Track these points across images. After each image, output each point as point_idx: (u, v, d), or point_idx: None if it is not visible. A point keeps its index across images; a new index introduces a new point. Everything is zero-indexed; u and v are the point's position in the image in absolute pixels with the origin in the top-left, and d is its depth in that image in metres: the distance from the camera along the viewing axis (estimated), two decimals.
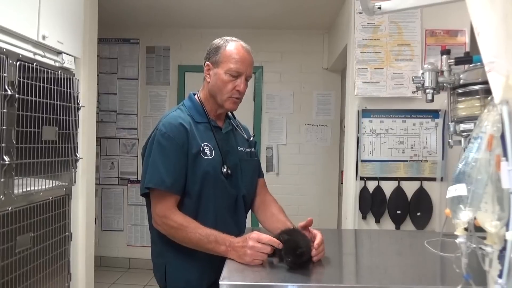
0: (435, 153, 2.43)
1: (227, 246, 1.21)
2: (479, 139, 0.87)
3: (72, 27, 2.14)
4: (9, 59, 1.61)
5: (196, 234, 1.24)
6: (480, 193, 0.86)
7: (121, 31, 3.96)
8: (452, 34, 2.44)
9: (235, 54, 1.36)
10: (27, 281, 1.73)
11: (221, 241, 1.22)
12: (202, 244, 1.24)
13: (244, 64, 1.36)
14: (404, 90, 2.42)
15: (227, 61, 1.36)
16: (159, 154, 1.30)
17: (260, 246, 1.16)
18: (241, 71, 1.36)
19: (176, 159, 1.30)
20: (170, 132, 1.31)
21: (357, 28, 2.46)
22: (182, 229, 1.26)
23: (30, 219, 1.76)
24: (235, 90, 1.36)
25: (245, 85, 1.38)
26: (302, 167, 3.93)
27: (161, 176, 1.28)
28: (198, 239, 1.24)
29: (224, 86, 1.36)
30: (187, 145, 1.31)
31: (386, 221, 2.46)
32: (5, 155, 1.58)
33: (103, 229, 4.01)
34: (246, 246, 1.17)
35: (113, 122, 4.02)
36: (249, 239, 1.17)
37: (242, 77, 1.36)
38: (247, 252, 1.16)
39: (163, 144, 1.30)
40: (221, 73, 1.36)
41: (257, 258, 1.16)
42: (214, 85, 1.39)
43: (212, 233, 1.24)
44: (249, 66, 1.39)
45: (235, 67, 1.35)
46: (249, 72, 1.39)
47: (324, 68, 3.91)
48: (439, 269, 1.29)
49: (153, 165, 1.30)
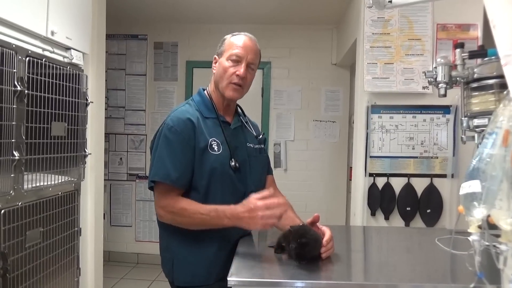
0: (445, 150, 2.40)
1: (229, 218, 1.21)
2: (494, 134, 0.85)
3: (81, 23, 2.15)
4: (19, 55, 1.62)
5: (198, 214, 1.25)
6: (494, 189, 0.84)
7: (129, 27, 3.97)
8: (464, 28, 2.40)
9: (237, 41, 1.38)
10: (37, 276, 1.75)
11: (222, 214, 1.22)
12: (206, 223, 1.25)
13: (245, 49, 1.37)
14: (414, 86, 2.38)
15: (229, 49, 1.38)
16: (166, 148, 1.30)
17: (269, 213, 1.16)
18: (242, 56, 1.36)
19: (182, 153, 1.30)
20: (177, 126, 1.31)
21: (366, 22, 2.43)
22: (184, 213, 1.27)
23: (40, 214, 1.77)
24: (235, 75, 1.35)
25: (245, 71, 1.36)
26: (310, 163, 3.91)
27: (167, 170, 1.28)
28: (201, 218, 1.24)
29: (224, 72, 1.37)
30: (194, 140, 1.31)
31: (395, 218, 2.43)
32: (15, 150, 1.59)
33: (111, 224, 4.04)
34: (255, 217, 1.16)
35: (121, 118, 4.03)
36: (256, 209, 1.16)
37: (243, 63, 1.36)
38: (258, 222, 1.16)
39: (170, 138, 1.31)
40: (223, 61, 1.38)
41: (268, 222, 1.17)
42: (217, 74, 1.41)
43: (212, 209, 1.24)
44: (251, 52, 1.38)
45: (235, 52, 1.36)
46: (251, 59, 1.38)
47: (333, 63, 3.87)
48: (450, 267, 1.26)
49: (159, 159, 1.30)
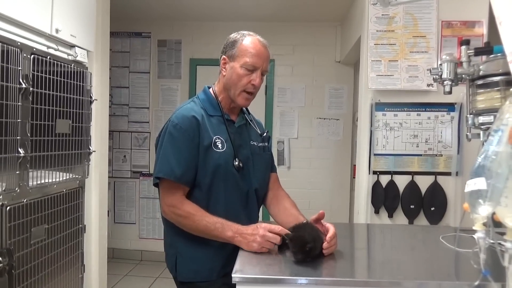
0: (450, 147, 2.39)
1: (234, 232, 1.24)
2: (500, 131, 0.85)
3: (85, 20, 2.15)
4: (24, 53, 1.63)
5: (203, 221, 1.27)
6: (500, 187, 0.83)
7: (133, 24, 3.97)
8: (469, 26, 2.38)
9: (252, 48, 1.35)
10: (42, 272, 1.76)
11: (227, 227, 1.25)
12: (209, 231, 1.27)
13: (260, 58, 1.35)
14: (419, 83, 2.37)
15: (243, 55, 1.35)
16: (170, 145, 1.31)
17: (270, 235, 1.21)
18: (257, 66, 1.35)
19: (187, 150, 1.30)
20: (182, 124, 1.32)
21: (371, 19, 2.41)
22: (190, 218, 1.28)
23: (45, 211, 1.78)
24: (250, 84, 1.35)
25: (260, 80, 1.36)
26: (313, 161, 3.91)
27: (171, 166, 1.29)
28: (205, 226, 1.26)
29: (239, 80, 1.35)
30: (199, 137, 1.32)
31: (399, 215, 2.43)
32: (20, 147, 1.60)
33: (115, 221, 4.05)
34: (256, 234, 1.21)
35: (125, 115, 4.04)
36: (260, 228, 1.22)
37: (258, 72, 1.35)
38: (256, 240, 1.20)
39: (175, 136, 1.31)
40: (237, 67, 1.35)
41: (265, 246, 1.21)
42: (229, 79, 1.38)
43: (218, 221, 1.26)
44: (266, 60, 1.37)
45: (251, 61, 1.34)
46: (265, 67, 1.37)
47: (337, 61, 3.86)
48: (454, 264, 1.26)
49: (164, 156, 1.31)
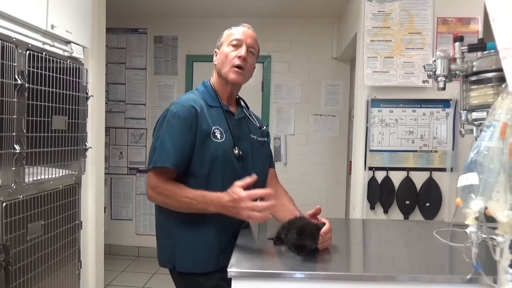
0: (445, 143, 2.41)
1: (216, 206, 1.23)
2: (492, 127, 0.86)
3: (81, 16, 2.14)
4: (19, 49, 1.62)
5: (185, 198, 1.27)
6: (492, 182, 0.84)
7: (129, 20, 3.96)
8: (465, 22, 2.39)
9: (235, 30, 1.45)
10: (39, 268, 1.77)
11: (208, 201, 1.24)
12: (193, 206, 1.27)
13: (244, 34, 1.42)
14: (414, 80, 2.38)
15: (228, 37, 1.44)
16: (168, 133, 1.32)
17: (251, 205, 1.17)
18: (241, 39, 1.41)
19: (184, 138, 1.31)
20: (181, 112, 1.33)
21: (367, 16, 2.42)
22: (172, 196, 1.29)
23: (41, 207, 1.78)
24: (237, 58, 1.39)
25: (246, 52, 1.40)
26: (310, 157, 3.92)
27: (167, 154, 1.30)
28: (189, 202, 1.27)
29: (226, 57, 1.41)
30: (196, 127, 1.33)
31: (395, 211, 2.45)
32: (16, 144, 1.60)
33: (112, 218, 4.05)
34: (239, 207, 1.19)
35: (121, 112, 4.03)
36: (240, 201, 1.18)
37: (243, 45, 1.40)
38: (241, 213, 1.19)
39: (172, 124, 1.33)
40: (224, 48, 1.43)
41: (253, 216, 1.18)
42: (220, 62, 1.44)
43: (199, 194, 1.26)
44: (250, 37, 1.43)
45: (235, 37, 1.41)
46: (250, 43, 1.42)
47: (333, 57, 3.87)
48: (448, 259, 1.28)
49: (161, 144, 1.32)
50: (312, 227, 1.18)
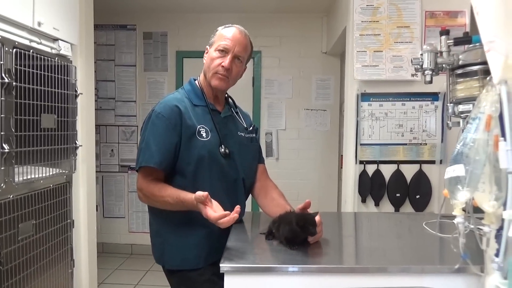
0: (434, 136, 2.43)
1: (189, 207, 1.24)
2: (478, 119, 0.87)
3: (68, 13, 2.12)
4: (5, 47, 1.60)
5: (169, 199, 1.28)
6: (478, 173, 0.86)
7: (118, 17, 3.91)
8: (452, 16, 2.41)
9: (227, 33, 1.41)
10: (31, 268, 1.76)
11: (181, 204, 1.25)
12: (179, 207, 1.28)
13: (233, 41, 1.39)
14: (403, 73, 2.40)
15: (218, 40, 1.41)
16: (152, 134, 1.34)
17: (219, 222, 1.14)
18: (228, 47, 1.38)
19: (168, 138, 1.32)
20: (164, 112, 1.34)
21: (356, 10, 2.43)
22: (152, 198, 1.31)
23: (32, 207, 1.77)
24: (220, 67, 1.38)
25: (230, 63, 1.38)
26: (301, 152, 3.93)
27: (151, 154, 1.31)
28: (168, 203, 1.28)
29: (211, 63, 1.40)
30: (181, 126, 1.34)
31: (386, 204, 2.47)
32: (5, 143, 1.58)
33: (105, 216, 4.03)
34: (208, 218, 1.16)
35: (111, 109, 4.00)
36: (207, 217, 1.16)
37: (229, 55, 1.39)
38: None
39: (156, 124, 1.34)
40: (212, 51, 1.41)
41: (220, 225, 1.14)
42: (206, 64, 1.44)
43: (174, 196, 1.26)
44: (239, 45, 1.40)
45: (223, 44, 1.39)
46: (238, 51, 1.40)
47: (323, 52, 3.88)
48: (438, 249, 1.30)
49: (146, 145, 1.33)
50: (309, 216, 1.20)
